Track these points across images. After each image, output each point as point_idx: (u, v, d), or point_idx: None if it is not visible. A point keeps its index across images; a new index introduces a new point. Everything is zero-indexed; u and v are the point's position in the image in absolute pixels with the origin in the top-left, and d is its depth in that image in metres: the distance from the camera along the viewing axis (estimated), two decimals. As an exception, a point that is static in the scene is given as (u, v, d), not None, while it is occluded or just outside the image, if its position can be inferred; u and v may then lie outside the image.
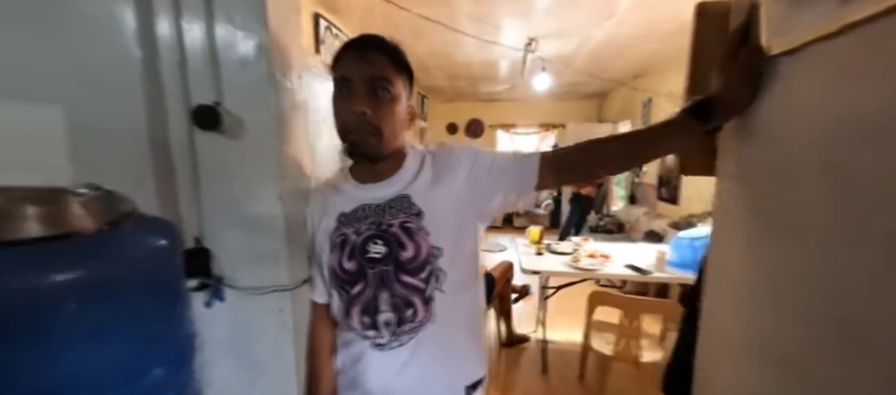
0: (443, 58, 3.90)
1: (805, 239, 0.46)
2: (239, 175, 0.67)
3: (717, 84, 0.57)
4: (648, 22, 2.88)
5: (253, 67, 0.64)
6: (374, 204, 0.68)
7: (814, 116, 0.45)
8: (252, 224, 0.68)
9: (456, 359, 0.71)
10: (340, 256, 0.67)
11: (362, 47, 0.62)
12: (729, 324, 0.62)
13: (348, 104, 0.61)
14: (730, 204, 0.63)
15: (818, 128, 0.44)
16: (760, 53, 0.51)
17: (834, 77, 0.42)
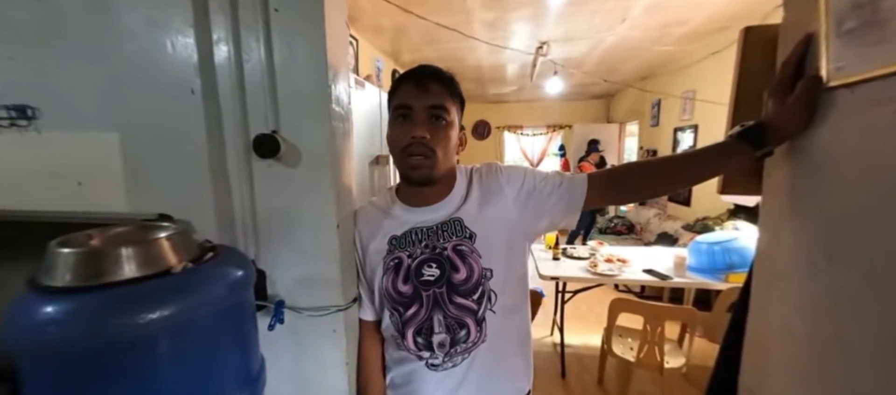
0: (454, 63, 3.92)
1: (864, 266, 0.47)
2: (294, 201, 0.69)
3: (769, 110, 0.58)
4: (660, 26, 2.88)
5: (310, 95, 0.66)
6: (426, 227, 0.70)
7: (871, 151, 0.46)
8: (306, 248, 0.70)
9: (507, 377, 0.73)
10: (395, 278, 0.70)
11: (421, 78, 0.67)
12: (778, 343, 0.63)
13: (408, 130, 0.65)
14: (778, 224, 0.64)
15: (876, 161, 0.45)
16: (818, 83, 0.52)
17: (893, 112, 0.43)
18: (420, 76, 0.67)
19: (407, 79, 0.68)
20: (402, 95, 0.67)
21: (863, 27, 0.46)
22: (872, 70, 0.45)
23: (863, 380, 0.48)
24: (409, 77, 0.68)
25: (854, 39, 0.47)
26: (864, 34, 0.46)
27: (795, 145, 0.59)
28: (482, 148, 6.87)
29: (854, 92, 0.48)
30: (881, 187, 0.45)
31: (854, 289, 0.48)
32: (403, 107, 0.66)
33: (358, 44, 2.89)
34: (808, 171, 0.57)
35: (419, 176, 0.67)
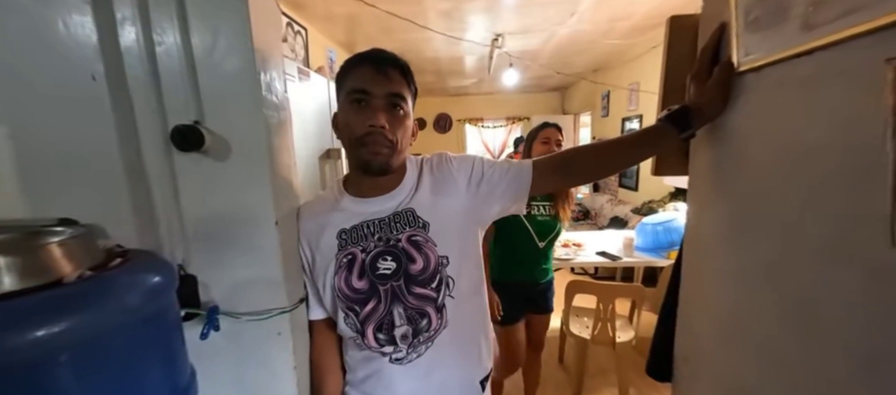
0: (411, 54, 3.86)
1: (774, 238, 0.52)
2: (225, 198, 0.64)
3: (691, 94, 0.63)
4: (607, 20, 3.02)
5: (235, 82, 0.61)
6: (378, 219, 0.68)
7: (776, 128, 0.51)
8: (243, 249, 0.65)
9: (470, 358, 0.74)
10: (349, 275, 0.67)
11: (380, 63, 0.63)
12: (706, 312, 0.69)
13: (366, 117, 0.62)
14: (703, 201, 0.69)
15: (780, 139, 0.50)
16: (731, 68, 0.56)
17: (795, 94, 0.47)
18: (379, 61, 0.63)
19: (364, 61, 0.64)
20: (359, 78, 0.63)
21: (765, 16, 0.50)
22: (774, 54, 0.49)
23: (779, 342, 0.53)
24: (367, 60, 0.63)
25: (758, 26, 0.51)
26: (766, 22, 0.50)
27: (715, 127, 0.64)
28: (444, 141, 6.88)
29: (760, 75, 0.53)
30: (786, 162, 0.50)
31: (768, 259, 0.53)
32: (361, 92, 0.62)
33: (307, 33, 2.74)
34: (726, 150, 0.62)
35: (378, 164, 0.64)
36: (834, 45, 0.41)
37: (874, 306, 0.39)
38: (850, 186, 0.40)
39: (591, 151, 0.74)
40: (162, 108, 0.60)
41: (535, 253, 1.53)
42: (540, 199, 1.50)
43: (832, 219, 0.43)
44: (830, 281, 0.44)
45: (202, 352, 0.67)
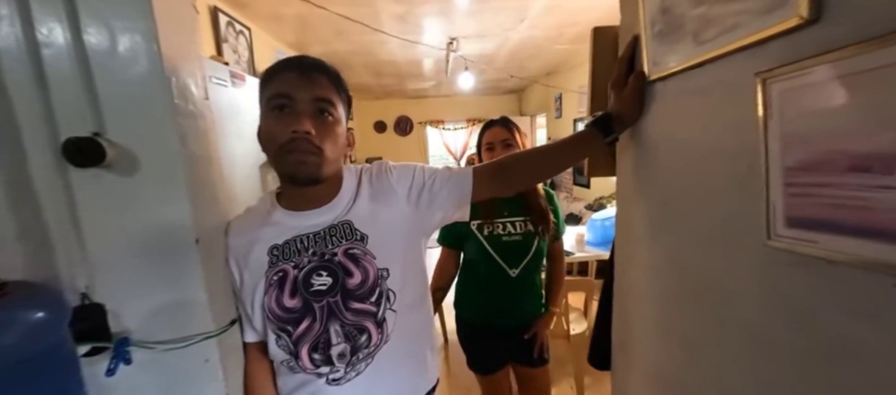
0: (367, 56, 3.78)
1: (683, 233, 0.56)
2: (136, 216, 0.58)
3: (612, 102, 0.67)
4: (556, 26, 3.16)
5: (141, 89, 0.55)
6: (312, 233, 0.65)
7: (680, 133, 0.55)
8: (159, 271, 0.60)
9: (414, 371, 0.72)
10: (280, 294, 0.63)
11: (305, 68, 0.60)
12: (636, 303, 0.73)
13: (289, 124, 0.58)
14: (628, 200, 0.73)
15: (683, 143, 0.55)
16: (643, 77, 0.61)
17: (692, 103, 0.52)
18: (302, 65, 0.60)
19: (286, 67, 0.60)
20: (281, 83, 0.59)
21: (667, 29, 0.54)
22: (677, 65, 0.53)
23: (692, 327, 0.57)
24: (290, 65, 0.60)
25: (663, 39, 0.55)
26: (668, 35, 0.54)
27: (634, 132, 0.68)
28: (405, 144, 6.82)
29: (666, 84, 0.57)
30: (689, 165, 0.54)
31: (683, 252, 0.58)
32: (282, 97, 0.58)
33: (251, 33, 2.60)
34: (643, 153, 0.66)
35: (306, 174, 0.60)
36: (719, 59, 0.45)
37: (758, 292, 0.43)
38: (737, 185, 0.45)
39: (528, 156, 0.77)
40: (51, 118, 0.53)
41: (508, 286, 1.12)
42: (510, 213, 1.12)
43: (726, 215, 0.47)
44: (726, 271, 0.48)
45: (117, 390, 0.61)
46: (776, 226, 0.38)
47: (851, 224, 0.32)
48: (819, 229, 0.34)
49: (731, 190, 0.46)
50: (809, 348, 0.38)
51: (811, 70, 0.34)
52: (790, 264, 0.38)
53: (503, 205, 1.15)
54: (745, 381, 0.47)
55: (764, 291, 0.43)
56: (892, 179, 0.28)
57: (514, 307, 1.16)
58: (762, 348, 0.44)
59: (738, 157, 0.44)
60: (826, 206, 0.34)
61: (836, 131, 0.32)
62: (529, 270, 1.14)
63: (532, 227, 1.12)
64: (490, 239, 1.13)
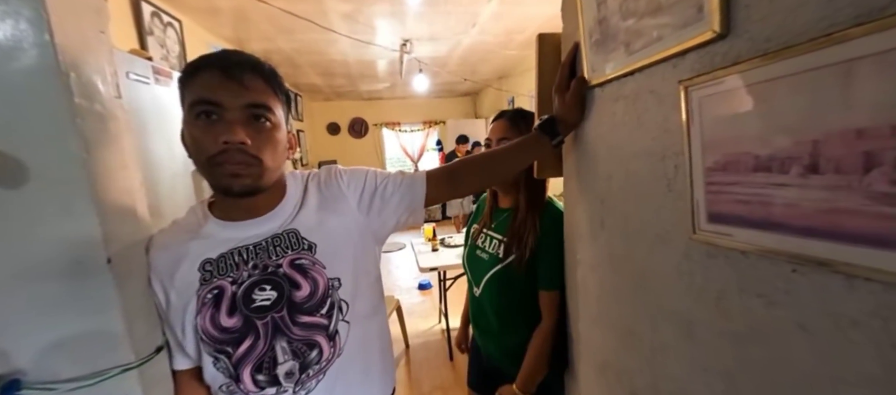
0: (315, 55, 3.62)
1: (619, 230, 0.60)
2: (25, 235, 0.49)
3: (556, 106, 0.69)
4: (505, 32, 3.27)
5: (28, 87, 0.47)
6: (252, 244, 0.60)
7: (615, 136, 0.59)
8: (59, 298, 0.51)
9: (368, 383, 0.69)
10: (215, 313, 0.57)
11: (234, 69, 0.53)
12: (581, 298, 0.77)
13: (218, 133, 0.52)
14: (573, 200, 0.77)
15: (618, 145, 0.58)
16: (583, 83, 0.64)
17: (625, 108, 0.55)
18: (230, 65, 0.52)
19: (209, 66, 0.52)
20: (205, 87, 0.52)
21: (603, 38, 0.57)
22: (612, 72, 0.56)
23: (628, 318, 0.61)
24: (214, 64, 0.52)
25: (599, 48, 0.59)
26: (604, 44, 0.57)
27: (577, 134, 0.72)
28: (360, 146, 6.65)
29: (604, 90, 0.61)
30: (623, 165, 0.58)
31: (619, 249, 0.62)
32: (208, 103, 0.52)
33: (182, 26, 2.36)
34: (585, 154, 0.70)
35: (241, 186, 0.55)
36: (646, 68, 0.48)
37: (684, 283, 0.47)
38: (666, 185, 0.49)
39: (478, 160, 0.77)
40: None
41: (474, 303, 1.00)
42: (496, 228, 0.96)
43: (656, 212, 0.51)
44: (657, 264, 0.52)
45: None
46: (700, 221, 0.42)
47: (757, 218, 0.36)
48: (733, 223, 0.38)
49: (660, 189, 0.50)
50: (727, 331, 0.42)
51: (723, 79, 0.37)
52: (711, 256, 0.42)
53: (495, 215, 0.99)
54: (675, 365, 0.51)
55: (689, 281, 0.47)
56: (788, 178, 0.32)
57: (484, 329, 1.00)
58: (688, 334, 0.48)
59: (666, 158, 0.48)
60: (738, 202, 0.38)
61: (743, 135, 0.36)
62: (494, 293, 0.93)
63: (504, 251, 0.90)
64: (470, 248, 1.02)
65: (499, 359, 0.98)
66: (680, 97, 0.42)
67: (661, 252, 0.51)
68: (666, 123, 0.47)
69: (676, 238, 0.47)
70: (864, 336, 0.29)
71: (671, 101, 0.45)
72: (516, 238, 0.88)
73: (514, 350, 0.91)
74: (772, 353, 0.37)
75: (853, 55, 0.27)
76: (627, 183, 0.57)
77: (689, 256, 0.46)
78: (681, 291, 0.48)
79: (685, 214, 0.44)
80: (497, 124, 0.95)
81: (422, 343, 2.65)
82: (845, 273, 0.29)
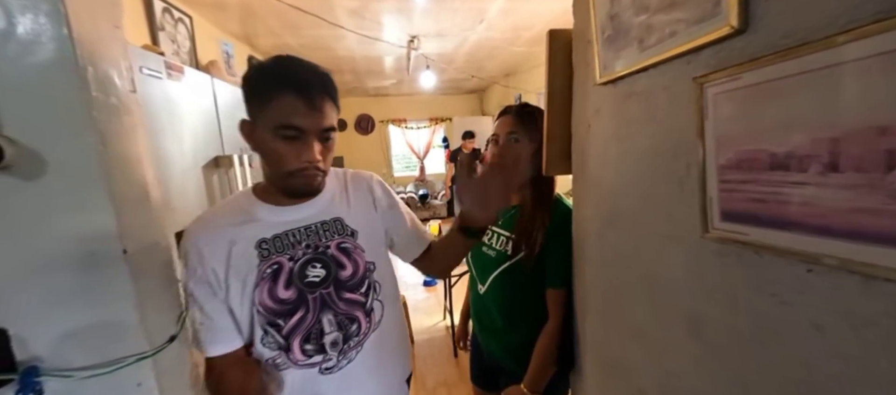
0: (322, 51, 3.63)
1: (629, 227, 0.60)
2: (44, 226, 0.50)
3: (463, 206, 0.71)
4: (513, 29, 3.25)
5: (47, 79, 0.48)
6: (304, 226, 0.67)
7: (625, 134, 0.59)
8: (75, 288, 0.52)
9: (396, 359, 0.78)
10: (273, 286, 0.63)
11: (312, 95, 0.58)
12: (590, 296, 0.77)
13: (300, 153, 0.60)
14: (582, 198, 0.77)
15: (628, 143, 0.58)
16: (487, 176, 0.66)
17: (637, 105, 0.55)
18: (310, 91, 0.58)
19: (292, 90, 0.57)
20: (290, 112, 0.57)
21: (615, 34, 0.57)
22: (623, 69, 0.56)
23: (637, 316, 0.61)
24: (296, 89, 0.57)
25: (611, 44, 0.58)
26: (615, 40, 0.57)
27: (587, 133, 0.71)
28: (367, 142, 6.67)
29: (616, 87, 0.60)
30: (636, 163, 0.57)
31: (628, 246, 0.61)
32: (293, 129, 0.58)
33: (192, 22, 2.38)
34: (595, 152, 0.69)
35: (311, 191, 0.65)
36: (660, 64, 0.48)
37: (695, 282, 0.47)
38: (678, 183, 0.48)
39: (439, 246, 0.84)
40: (-73, 111, 0.45)
41: (478, 300, 0.98)
42: (503, 224, 0.93)
43: (667, 210, 0.51)
44: (667, 262, 0.52)
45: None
46: (713, 220, 0.41)
47: (773, 217, 0.35)
48: (748, 222, 0.38)
49: (672, 187, 0.49)
50: (739, 330, 0.42)
51: (739, 76, 0.37)
52: (724, 254, 0.42)
53: (501, 212, 0.95)
54: (683, 363, 0.51)
55: (700, 280, 0.46)
56: (806, 177, 0.31)
57: (486, 327, 0.98)
58: (698, 333, 0.47)
59: (678, 156, 0.47)
60: (753, 201, 0.37)
61: (760, 133, 0.36)
62: (501, 294, 0.91)
63: (512, 248, 0.88)
64: (477, 244, 0.97)
65: (500, 356, 0.97)
66: (694, 94, 0.41)
67: (671, 251, 0.50)
68: (679, 120, 0.47)
69: (687, 237, 0.47)
70: (881, 337, 0.29)
71: (685, 97, 0.45)
72: (524, 235, 0.87)
73: (516, 348, 0.91)
74: (785, 353, 0.37)
75: (874, 52, 0.26)
76: (637, 181, 0.57)
77: (701, 255, 0.45)
78: (691, 290, 0.48)
79: (697, 212, 0.44)
80: (503, 120, 0.93)
81: (426, 340, 2.67)
82: (863, 274, 0.29)
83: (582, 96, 0.72)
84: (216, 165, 1.36)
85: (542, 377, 0.87)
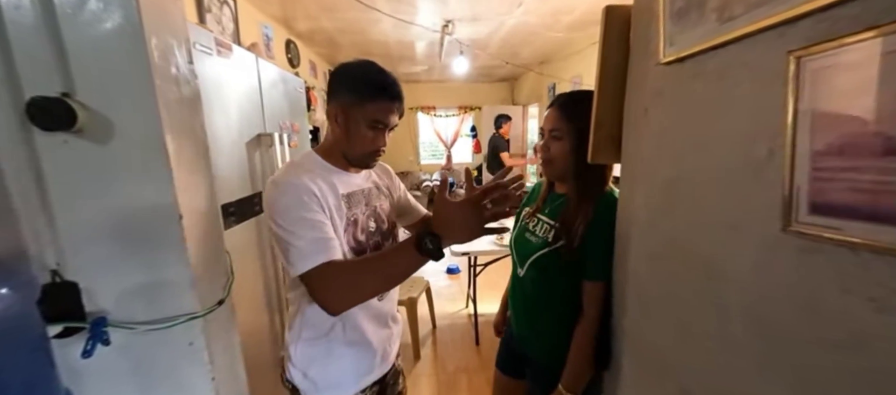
0: (356, 35, 3.66)
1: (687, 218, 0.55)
2: (112, 189, 0.53)
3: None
4: (552, 13, 3.11)
5: (115, 45, 0.50)
6: (361, 189, 0.88)
7: (691, 117, 0.54)
8: (138, 248, 0.55)
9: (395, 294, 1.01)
10: (354, 232, 0.82)
11: (397, 99, 0.79)
12: (632, 288, 0.73)
13: (378, 141, 0.80)
14: (631, 187, 0.72)
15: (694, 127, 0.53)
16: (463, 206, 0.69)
17: (707, 86, 0.50)
18: (400, 102, 0.80)
19: (389, 98, 0.78)
20: (383, 111, 0.78)
21: (686, 6, 0.52)
22: (692, 47, 0.51)
23: (690, 313, 0.57)
24: (391, 98, 0.78)
25: (681, 18, 0.53)
26: (687, 14, 0.52)
27: (643, 117, 0.67)
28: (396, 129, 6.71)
29: (683, 67, 0.55)
30: (702, 148, 0.53)
31: (682, 238, 0.57)
32: (381, 123, 0.79)
33: (236, 5, 2.46)
34: (651, 137, 0.65)
35: (372, 166, 0.87)
36: (744, 38, 0.43)
37: (765, 278, 0.43)
38: (754, 170, 0.44)
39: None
40: (13, 74, 0.48)
41: (516, 284, 0.99)
42: (549, 213, 0.93)
43: (738, 200, 0.46)
44: (731, 256, 0.47)
45: (90, 372, 0.57)
46: (798, 212, 0.37)
47: (879, 210, 0.31)
48: (844, 216, 0.33)
49: (745, 175, 0.45)
50: (819, 336, 0.37)
51: (849, 48, 0.32)
52: (808, 251, 0.38)
53: (549, 200, 0.96)
54: (743, 366, 0.47)
55: (774, 277, 0.42)
56: (938, 162, 0.27)
57: (519, 308, 0.98)
58: (763, 333, 0.43)
59: (757, 140, 0.43)
60: (853, 191, 0.33)
61: (871, 114, 0.31)
62: (536, 279, 0.91)
63: (554, 236, 0.88)
64: (519, 229, 1.00)
65: (529, 343, 0.98)
66: (788, 70, 0.37)
67: (738, 244, 0.46)
68: (762, 100, 0.42)
69: (761, 230, 0.43)
70: None
71: (771, 75, 0.40)
72: (567, 225, 0.85)
73: (546, 336, 0.92)
74: (877, 364, 0.33)
75: None
76: (701, 168, 0.52)
77: (777, 250, 0.41)
78: (760, 287, 0.44)
79: (777, 203, 0.40)
80: (548, 113, 0.91)
81: (448, 325, 2.69)
82: None
83: (639, 78, 0.67)
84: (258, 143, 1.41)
85: (581, 378, 0.84)
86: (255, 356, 1.40)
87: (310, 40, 3.85)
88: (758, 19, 0.40)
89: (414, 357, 2.29)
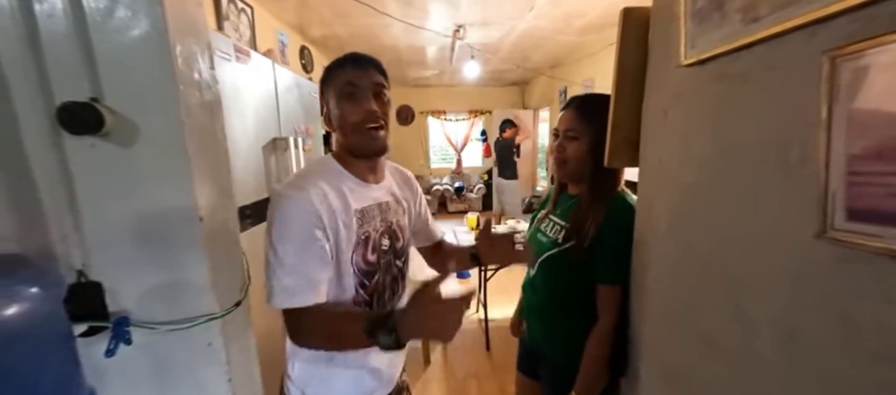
0: (369, 40, 3.70)
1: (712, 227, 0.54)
2: (135, 190, 0.54)
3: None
4: (563, 17, 3.10)
5: (142, 52, 0.51)
6: (379, 203, 0.78)
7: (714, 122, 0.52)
8: (159, 249, 0.56)
9: None
10: (365, 251, 0.73)
11: (362, 63, 0.72)
12: (650, 297, 0.71)
13: (360, 106, 0.70)
14: (650, 195, 0.71)
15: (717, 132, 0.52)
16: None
17: (732, 89, 0.49)
18: (359, 60, 0.72)
19: (346, 62, 0.71)
20: (347, 74, 0.70)
21: (709, 7, 0.50)
22: (714, 49, 0.50)
23: (712, 323, 0.55)
24: (348, 60, 0.72)
25: (703, 19, 0.52)
26: (709, 15, 0.51)
27: (663, 121, 0.65)
28: (407, 133, 6.75)
29: (704, 69, 0.54)
30: (726, 154, 0.51)
31: (707, 245, 0.55)
32: (350, 84, 0.70)
33: (253, 12, 2.52)
34: (671, 142, 0.63)
35: (379, 147, 0.73)
36: (771, 39, 0.42)
37: (795, 288, 0.41)
38: (783, 176, 0.42)
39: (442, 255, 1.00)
40: (45, 80, 0.50)
41: (527, 283, 1.01)
42: (560, 214, 0.94)
43: (765, 207, 0.45)
44: (758, 265, 0.46)
45: (112, 371, 0.58)
46: (834, 219, 0.36)
47: (924, 217, 0.29)
48: (885, 223, 0.32)
49: (773, 181, 0.43)
50: (853, 348, 0.36)
51: (888, 47, 0.31)
52: (845, 260, 0.36)
53: (560, 201, 0.97)
54: (768, 378, 0.45)
55: (805, 288, 0.40)
56: None
57: (530, 309, 0.99)
58: (793, 347, 0.42)
59: (787, 145, 0.41)
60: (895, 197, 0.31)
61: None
62: (546, 279, 0.91)
63: (564, 236, 0.87)
64: (533, 231, 1.01)
65: (541, 340, 0.98)
66: (822, 71, 0.35)
67: (765, 253, 0.44)
68: (792, 103, 0.40)
69: (791, 237, 0.41)
70: None
71: (801, 76, 0.38)
72: (577, 227, 0.85)
73: (556, 334, 0.94)
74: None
75: None
76: (725, 174, 0.51)
77: (809, 259, 0.39)
78: (789, 297, 0.42)
79: (811, 210, 0.38)
80: (564, 114, 0.90)
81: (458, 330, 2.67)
82: None
83: (658, 81, 0.66)
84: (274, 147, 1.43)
85: (594, 385, 0.82)
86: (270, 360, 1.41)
87: (323, 46, 3.91)
88: (786, 19, 0.39)
89: (424, 362, 2.28)
